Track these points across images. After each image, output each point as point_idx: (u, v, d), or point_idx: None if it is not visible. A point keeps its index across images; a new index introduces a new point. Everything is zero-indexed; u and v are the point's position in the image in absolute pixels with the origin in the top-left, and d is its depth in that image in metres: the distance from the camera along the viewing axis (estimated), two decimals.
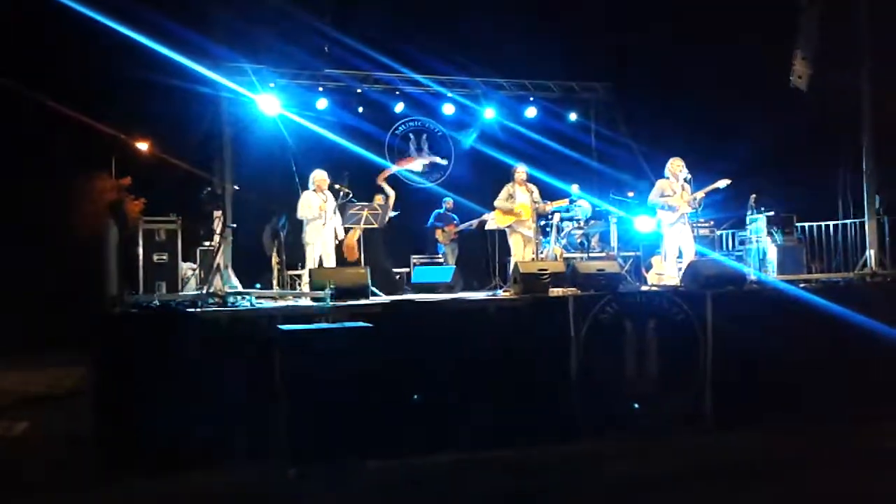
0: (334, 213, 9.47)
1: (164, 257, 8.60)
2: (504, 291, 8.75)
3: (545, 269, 7.79)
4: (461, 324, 6.86)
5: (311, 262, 9.21)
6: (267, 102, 11.89)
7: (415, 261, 11.66)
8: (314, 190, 9.41)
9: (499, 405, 6.55)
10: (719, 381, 7.10)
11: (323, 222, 9.27)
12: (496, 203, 9.53)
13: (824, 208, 11.72)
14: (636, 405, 6.95)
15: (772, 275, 10.04)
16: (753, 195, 10.40)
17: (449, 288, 10.30)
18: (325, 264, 9.11)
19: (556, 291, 7.63)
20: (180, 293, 8.25)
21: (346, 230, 9.85)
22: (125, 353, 6.08)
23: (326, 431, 5.61)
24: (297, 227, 9.59)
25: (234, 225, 8.41)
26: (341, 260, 9.82)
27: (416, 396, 6.42)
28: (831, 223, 11.34)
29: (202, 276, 8.91)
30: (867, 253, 9.53)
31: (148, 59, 10.40)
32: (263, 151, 11.57)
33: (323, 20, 10.98)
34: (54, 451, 6.63)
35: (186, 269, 9.26)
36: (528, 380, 6.69)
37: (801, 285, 8.35)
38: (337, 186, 9.52)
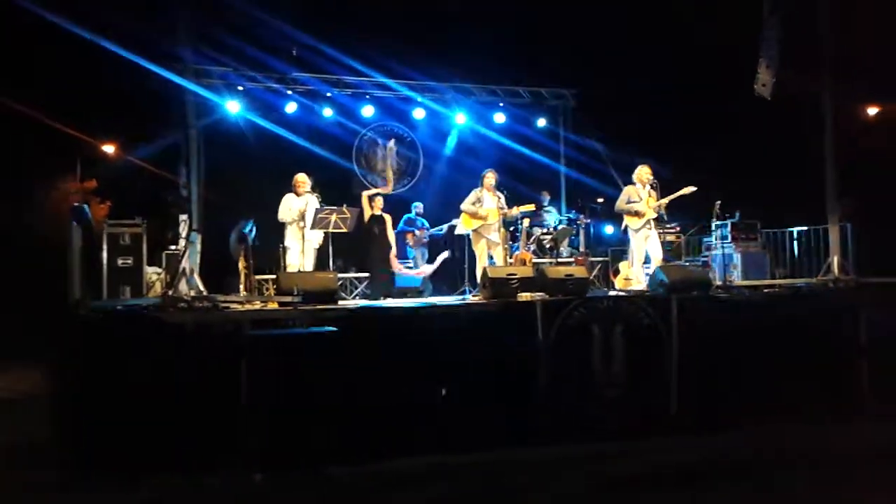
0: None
1: (129, 261, 8.53)
2: (473, 296, 8.76)
3: (514, 274, 7.81)
4: (430, 328, 6.84)
5: (291, 267, 9.09)
6: (234, 106, 11.83)
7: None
8: (294, 192, 9.29)
9: (467, 409, 6.54)
10: (685, 384, 7.17)
11: (301, 225, 9.15)
12: (462, 206, 9.51)
13: (788, 215, 11.90)
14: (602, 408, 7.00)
15: (736, 280, 10.18)
16: (718, 202, 10.54)
17: (418, 292, 10.30)
18: (306, 268, 8.99)
19: (524, 296, 7.65)
20: (145, 297, 8.16)
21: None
22: (87, 357, 5.99)
23: (293, 437, 5.58)
24: (265, 231, 9.51)
25: (196, 228, 8.32)
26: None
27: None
28: (795, 229, 11.52)
29: (168, 280, 8.82)
30: (830, 259, 9.68)
31: (115, 61, 10.31)
32: (231, 155, 11.50)
33: (289, 22, 10.93)
34: (12, 456, 6.50)
35: (151, 273, 9.18)
36: (497, 384, 6.69)
37: (765, 290, 8.48)
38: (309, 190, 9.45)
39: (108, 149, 17.82)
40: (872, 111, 16.45)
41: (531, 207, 10.19)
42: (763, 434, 6.72)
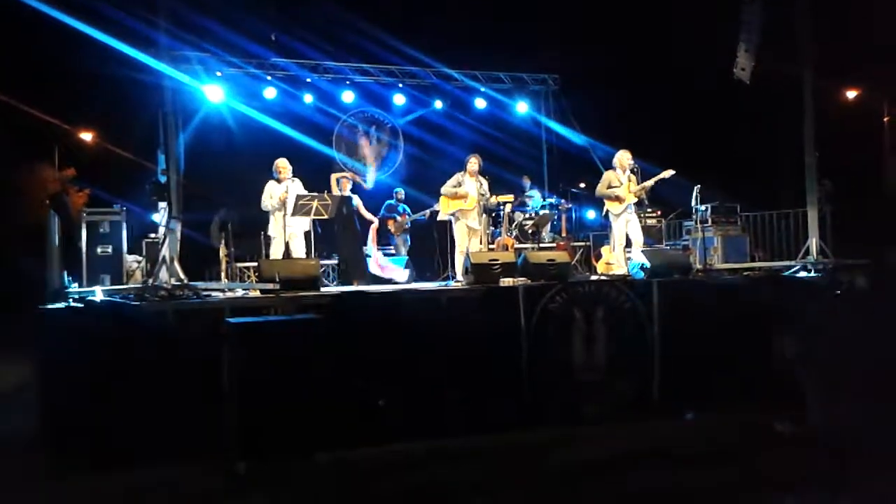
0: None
1: (109, 249, 8.46)
2: (455, 282, 8.78)
3: (496, 260, 7.84)
4: (412, 314, 6.85)
5: (276, 255, 8.97)
6: (213, 92, 11.72)
7: (366, 252, 11.60)
8: (277, 179, 9.17)
9: (449, 395, 6.56)
10: (666, 367, 7.22)
11: (283, 213, 8.99)
12: (442, 189, 9.47)
13: (767, 198, 12.00)
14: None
15: (716, 263, 10.25)
16: (698, 186, 10.60)
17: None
18: (297, 255, 8.87)
19: (506, 281, 7.68)
20: (125, 286, 8.11)
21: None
22: (69, 348, 5.94)
23: (276, 425, 5.57)
24: (246, 218, 9.44)
25: (176, 216, 8.25)
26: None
27: (380, 402, 6.44)
28: (774, 213, 11.60)
29: (148, 268, 8.77)
30: (809, 241, 9.77)
31: (92, 47, 10.20)
32: (210, 141, 11.41)
33: (268, 6, 10.84)
34: None
35: (132, 261, 9.11)
36: (479, 369, 6.70)
37: (745, 273, 8.54)
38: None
39: (86, 136, 17.65)
40: (851, 94, 16.60)
41: (510, 198, 10.23)
42: (745, 418, 6.76)
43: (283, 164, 9.16)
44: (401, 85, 13.24)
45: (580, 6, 13.14)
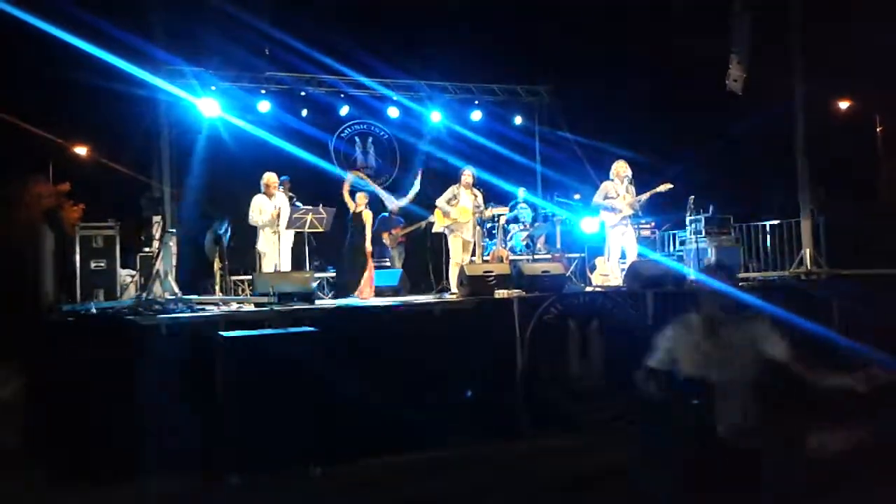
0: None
1: (102, 264, 8.44)
2: (450, 294, 8.77)
3: (491, 272, 7.85)
4: (408, 327, 6.84)
5: (268, 270, 8.94)
6: (208, 105, 11.73)
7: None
8: (264, 193, 9.20)
9: (445, 406, 6.54)
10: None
11: (273, 229, 9.03)
12: (437, 202, 9.50)
13: (761, 209, 12.02)
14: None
15: None
16: (692, 197, 10.63)
17: (396, 291, 10.29)
18: (283, 269, 8.86)
19: (501, 293, 7.68)
20: (119, 300, 8.08)
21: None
22: (61, 363, 5.92)
23: (269, 439, 5.55)
24: (240, 232, 9.42)
25: (173, 230, 8.26)
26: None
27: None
28: (767, 223, 11.63)
29: (142, 282, 8.74)
30: (802, 252, 9.79)
31: (86, 62, 10.19)
32: (205, 155, 11.41)
33: (262, 19, 10.85)
34: None
35: (125, 275, 9.09)
36: (474, 380, 6.70)
37: (739, 284, 8.54)
38: (280, 190, 9.38)
39: (81, 151, 17.63)
40: (843, 105, 16.68)
41: (505, 210, 10.25)
42: None
43: (273, 179, 9.16)
44: (395, 97, 13.27)
45: (573, 16, 13.18)
